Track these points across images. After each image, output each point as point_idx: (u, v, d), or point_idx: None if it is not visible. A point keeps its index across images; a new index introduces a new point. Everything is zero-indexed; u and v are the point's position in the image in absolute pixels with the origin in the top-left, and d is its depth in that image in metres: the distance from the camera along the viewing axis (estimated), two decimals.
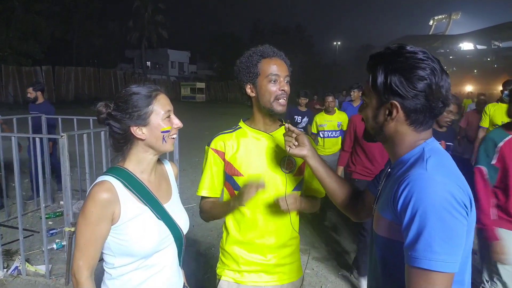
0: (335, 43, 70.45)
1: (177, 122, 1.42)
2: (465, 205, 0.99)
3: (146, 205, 1.37)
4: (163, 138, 1.37)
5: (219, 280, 1.79)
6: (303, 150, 1.46)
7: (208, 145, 1.75)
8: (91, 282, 1.32)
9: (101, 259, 1.40)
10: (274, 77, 1.60)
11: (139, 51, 49.40)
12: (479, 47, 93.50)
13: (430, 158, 1.06)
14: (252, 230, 1.70)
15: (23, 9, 28.45)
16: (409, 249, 0.98)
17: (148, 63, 52.98)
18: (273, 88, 1.60)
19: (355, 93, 6.67)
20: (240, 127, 1.75)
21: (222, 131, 1.77)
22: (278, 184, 1.68)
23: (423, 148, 1.12)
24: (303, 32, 63.99)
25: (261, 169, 1.67)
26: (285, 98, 1.62)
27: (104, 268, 1.42)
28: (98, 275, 1.41)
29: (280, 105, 1.61)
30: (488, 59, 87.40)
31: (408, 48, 1.11)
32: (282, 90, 1.60)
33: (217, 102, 41.00)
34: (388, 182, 1.17)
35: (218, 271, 1.82)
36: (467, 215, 1.00)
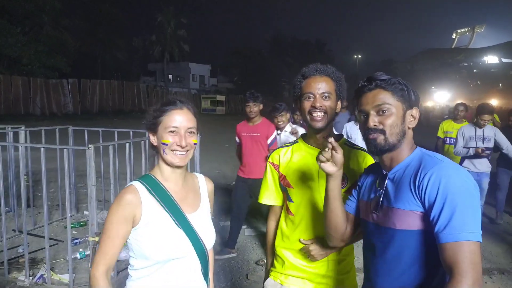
0: (355, 56, 70.22)
1: (177, 141, 1.43)
2: (476, 186, 1.21)
3: (167, 212, 1.42)
4: (163, 150, 1.44)
5: (267, 277, 1.89)
6: (331, 168, 1.41)
7: (267, 159, 1.90)
8: (106, 279, 1.35)
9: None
10: (309, 95, 1.68)
11: (161, 65, 50.41)
12: (504, 60, 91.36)
13: (435, 155, 1.29)
14: (301, 236, 1.75)
15: (51, 24, 29.60)
16: (445, 228, 1.13)
17: (170, 76, 53.94)
18: (307, 104, 1.68)
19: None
20: (298, 142, 1.85)
21: (282, 145, 1.93)
22: None
23: (420, 150, 1.34)
24: (323, 46, 64.08)
25: (311, 182, 1.72)
26: (319, 114, 1.66)
27: (128, 269, 1.49)
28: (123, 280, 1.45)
29: (314, 120, 1.67)
30: None
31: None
32: (313, 106, 1.66)
33: (237, 114, 41.27)
34: (396, 182, 1.32)
35: (270, 272, 1.91)
36: None
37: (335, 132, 1.83)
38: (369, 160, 1.75)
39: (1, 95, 24.06)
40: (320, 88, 1.67)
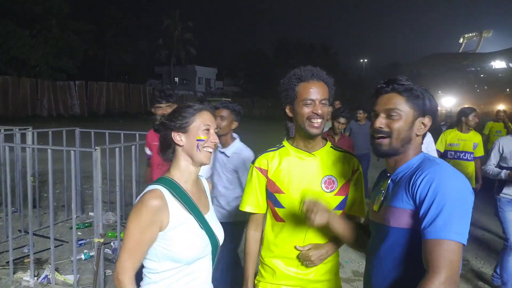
0: (361, 60, 70.07)
1: (213, 138, 1.51)
2: (471, 192, 1.24)
3: (191, 214, 1.46)
4: (197, 146, 1.48)
5: None
6: (320, 222, 1.50)
7: (253, 163, 1.83)
8: (134, 284, 1.38)
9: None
10: (309, 101, 1.64)
11: (168, 68, 50.66)
12: None
13: (435, 159, 1.34)
14: (290, 243, 1.73)
15: (59, 27, 29.88)
16: (429, 225, 1.18)
17: (176, 79, 54.14)
18: (306, 110, 1.65)
19: (361, 114, 7.04)
20: (284, 146, 1.81)
21: (267, 149, 1.85)
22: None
23: (423, 155, 1.40)
24: (328, 50, 64.04)
25: (302, 187, 1.70)
26: (319, 120, 1.65)
27: (144, 273, 1.49)
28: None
29: (312, 127, 1.65)
30: None
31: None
32: (314, 113, 1.64)
33: (242, 118, 41.26)
34: (396, 183, 1.38)
35: (255, 282, 1.86)
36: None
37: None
38: (355, 162, 1.78)
39: (9, 96, 24.29)
40: (320, 95, 1.65)
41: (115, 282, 1.38)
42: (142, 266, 1.50)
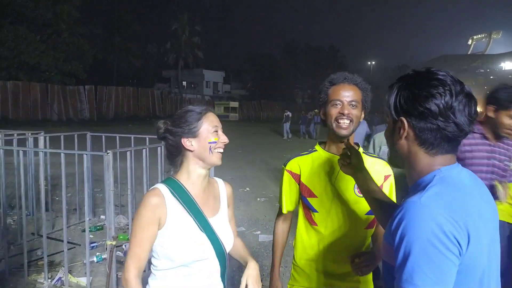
0: (369, 62, 69.85)
1: (223, 138, 1.54)
2: (457, 240, 0.92)
3: (190, 215, 1.47)
4: (210, 149, 1.49)
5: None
6: (350, 170, 1.52)
7: (284, 166, 1.84)
8: (138, 281, 1.42)
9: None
10: (338, 102, 1.67)
11: (176, 71, 51.02)
12: None
13: (433, 187, 1.00)
14: (326, 248, 1.74)
15: (69, 32, 30.33)
16: (396, 278, 0.95)
17: (184, 83, 54.47)
18: (334, 111, 1.67)
19: None
20: (316, 150, 1.82)
21: (299, 153, 1.85)
22: (352, 207, 1.71)
23: (434, 175, 1.04)
24: (336, 52, 64.01)
25: (335, 191, 1.72)
26: (346, 121, 1.65)
27: (151, 269, 1.54)
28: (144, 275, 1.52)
29: (340, 128, 1.66)
30: None
31: (432, 69, 1.06)
32: (341, 113, 1.65)
33: (250, 121, 41.42)
34: None
35: (288, 286, 1.88)
36: (459, 253, 0.93)
37: (354, 141, 1.78)
38: (388, 167, 1.77)
39: (20, 101, 24.68)
40: (349, 96, 1.66)
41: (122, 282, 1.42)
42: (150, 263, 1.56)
